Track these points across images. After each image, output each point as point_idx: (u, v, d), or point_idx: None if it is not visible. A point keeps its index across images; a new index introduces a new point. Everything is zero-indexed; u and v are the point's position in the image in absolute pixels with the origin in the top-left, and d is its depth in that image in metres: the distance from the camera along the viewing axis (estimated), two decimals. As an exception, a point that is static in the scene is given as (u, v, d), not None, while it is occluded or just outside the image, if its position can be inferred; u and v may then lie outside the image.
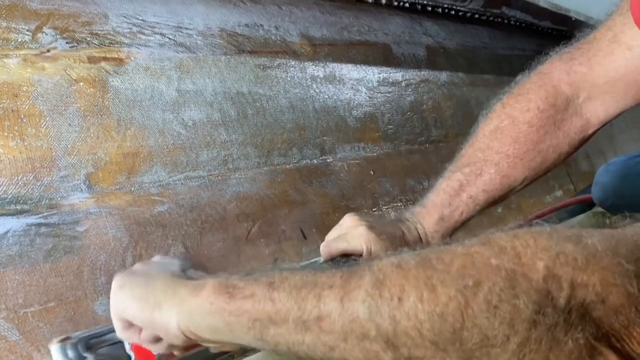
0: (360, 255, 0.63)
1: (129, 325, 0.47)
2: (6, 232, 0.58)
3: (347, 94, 1.05)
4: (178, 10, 0.85)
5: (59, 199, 0.63)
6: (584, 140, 0.71)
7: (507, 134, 0.68)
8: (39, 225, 0.61)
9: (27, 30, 0.68)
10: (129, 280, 0.47)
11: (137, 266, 0.51)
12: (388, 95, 1.14)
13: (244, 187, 0.81)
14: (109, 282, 0.63)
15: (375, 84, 1.12)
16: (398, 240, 0.65)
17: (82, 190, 0.65)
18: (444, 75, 1.32)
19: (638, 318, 0.28)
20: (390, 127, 1.12)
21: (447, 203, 0.68)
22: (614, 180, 1.07)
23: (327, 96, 1.01)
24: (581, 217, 1.18)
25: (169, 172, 0.74)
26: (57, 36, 0.70)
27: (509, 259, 0.30)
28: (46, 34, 0.69)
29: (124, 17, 0.77)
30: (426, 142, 1.19)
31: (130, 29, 0.77)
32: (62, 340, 0.55)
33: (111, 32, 0.75)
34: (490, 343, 0.30)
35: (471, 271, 0.31)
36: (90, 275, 0.62)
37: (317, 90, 1.00)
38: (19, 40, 0.66)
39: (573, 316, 0.29)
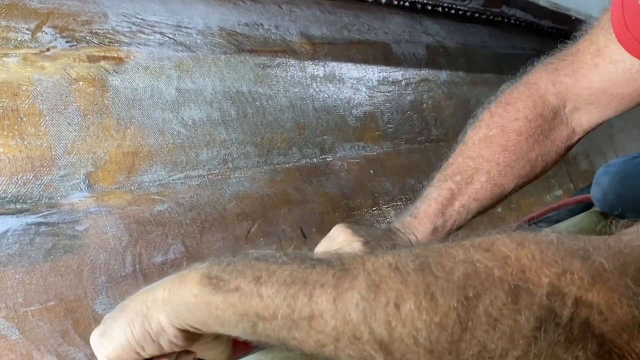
0: None
1: None
2: (6, 231, 0.58)
3: (347, 93, 1.05)
4: (178, 9, 0.85)
5: (58, 198, 0.63)
6: (569, 148, 0.73)
7: (496, 142, 0.68)
8: (39, 224, 0.61)
9: (27, 29, 0.68)
10: (106, 324, 0.44)
11: (108, 315, 0.47)
12: (388, 94, 1.14)
13: (244, 186, 0.81)
14: (109, 281, 0.63)
15: (375, 83, 1.12)
16: None
17: (81, 189, 0.65)
18: (444, 74, 1.32)
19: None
20: (390, 126, 1.12)
21: (439, 213, 0.68)
22: (613, 181, 1.07)
23: (327, 95, 1.01)
24: (581, 216, 1.18)
25: (168, 171, 0.74)
26: (57, 35, 0.70)
27: (513, 272, 0.30)
28: (46, 33, 0.69)
29: (124, 16, 0.77)
30: (426, 141, 1.19)
31: (130, 28, 0.77)
32: None
33: (111, 31, 0.75)
34: (488, 355, 0.30)
35: (473, 281, 0.30)
36: (90, 274, 0.62)
37: (317, 90, 1.00)
38: (19, 39, 0.66)
39: (575, 333, 0.29)
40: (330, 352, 0.34)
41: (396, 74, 1.19)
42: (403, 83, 1.19)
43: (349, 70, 1.08)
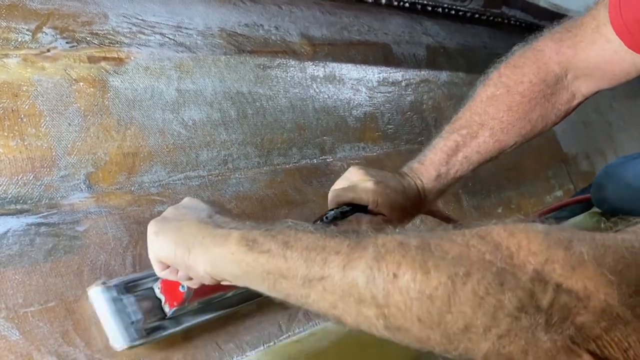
0: (366, 206, 0.69)
1: (166, 266, 0.52)
2: (6, 232, 0.58)
3: (347, 93, 1.05)
4: (178, 10, 0.85)
5: (59, 198, 0.63)
6: (568, 112, 0.78)
7: (502, 101, 0.75)
8: (39, 224, 0.61)
9: (27, 30, 0.68)
10: (163, 226, 0.51)
11: (169, 211, 0.54)
12: (388, 95, 1.14)
13: (244, 187, 0.81)
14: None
15: (375, 83, 1.12)
16: (400, 194, 0.71)
17: (82, 190, 0.65)
18: (444, 75, 1.32)
19: (618, 325, 0.30)
20: (390, 127, 1.12)
21: (444, 162, 0.75)
22: (612, 182, 1.08)
23: (327, 96, 1.01)
24: (580, 217, 1.18)
25: (169, 172, 0.74)
26: (57, 36, 0.70)
27: (502, 257, 0.32)
28: (46, 34, 0.69)
29: (124, 16, 0.77)
30: (426, 142, 1.19)
31: (130, 28, 0.77)
32: (101, 284, 0.60)
33: (111, 31, 0.75)
34: (472, 330, 0.32)
35: (465, 262, 0.33)
36: (90, 274, 0.62)
37: (317, 90, 1.00)
38: (19, 40, 0.66)
39: (555, 318, 0.31)
40: (340, 315, 0.38)
41: (396, 74, 1.19)
42: (403, 84, 1.20)
43: (349, 71, 1.08)
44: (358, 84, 1.08)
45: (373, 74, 1.13)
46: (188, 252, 0.47)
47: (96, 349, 0.59)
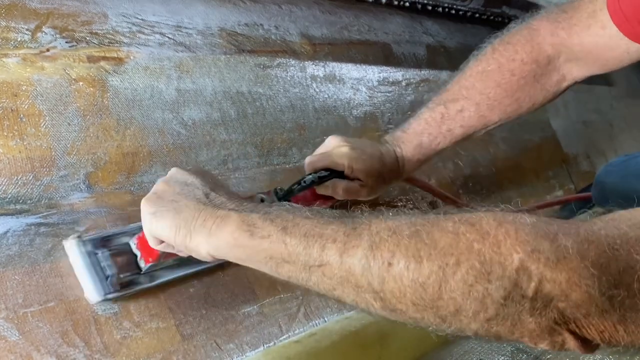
0: (342, 171, 0.71)
1: (161, 241, 0.53)
2: (6, 232, 0.58)
3: (347, 93, 1.05)
4: (178, 10, 0.84)
5: (58, 198, 0.63)
6: (557, 94, 0.77)
7: (492, 77, 0.75)
8: (39, 225, 0.61)
9: (27, 30, 0.67)
10: (160, 207, 0.50)
11: (161, 187, 0.53)
12: (388, 94, 1.14)
13: (244, 187, 0.81)
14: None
15: (376, 83, 1.12)
16: (377, 160, 0.72)
17: (81, 190, 0.65)
18: (444, 75, 1.32)
19: (596, 312, 0.33)
20: (391, 126, 1.12)
21: (427, 132, 0.75)
22: (614, 181, 1.08)
23: (327, 95, 1.01)
24: (581, 217, 1.18)
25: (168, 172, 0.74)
26: (57, 35, 0.70)
27: (490, 245, 0.34)
28: (45, 34, 0.69)
29: (124, 16, 0.77)
30: (426, 141, 1.19)
31: (130, 28, 0.77)
32: (76, 237, 0.60)
33: (111, 31, 0.75)
34: (462, 314, 0.35)
35: (455, 250, 0.35)
36: (89, 275, 0.62)
37: (317, 90, 1.00)
38: (19, 39, 0.66)
39: (538, 304, 0.33)
40: (339, 296, 0.41)
41: (396, 74, 1.19)
42: (403, 83, 1.19)
43: (349, 70, 1.08)
44: (358, 84, 1.08)
45: (373, 73, 1.13)
46: (189, 235, 0.47)
47: (96, 349, 0.58)
